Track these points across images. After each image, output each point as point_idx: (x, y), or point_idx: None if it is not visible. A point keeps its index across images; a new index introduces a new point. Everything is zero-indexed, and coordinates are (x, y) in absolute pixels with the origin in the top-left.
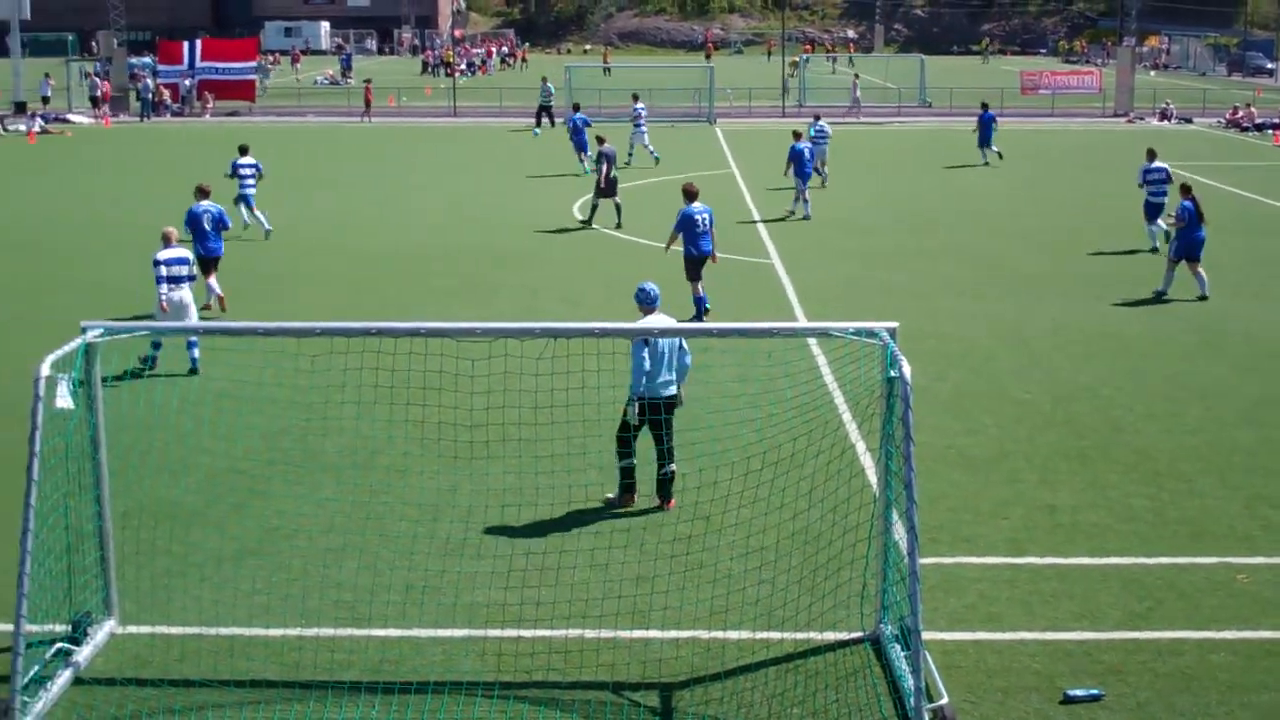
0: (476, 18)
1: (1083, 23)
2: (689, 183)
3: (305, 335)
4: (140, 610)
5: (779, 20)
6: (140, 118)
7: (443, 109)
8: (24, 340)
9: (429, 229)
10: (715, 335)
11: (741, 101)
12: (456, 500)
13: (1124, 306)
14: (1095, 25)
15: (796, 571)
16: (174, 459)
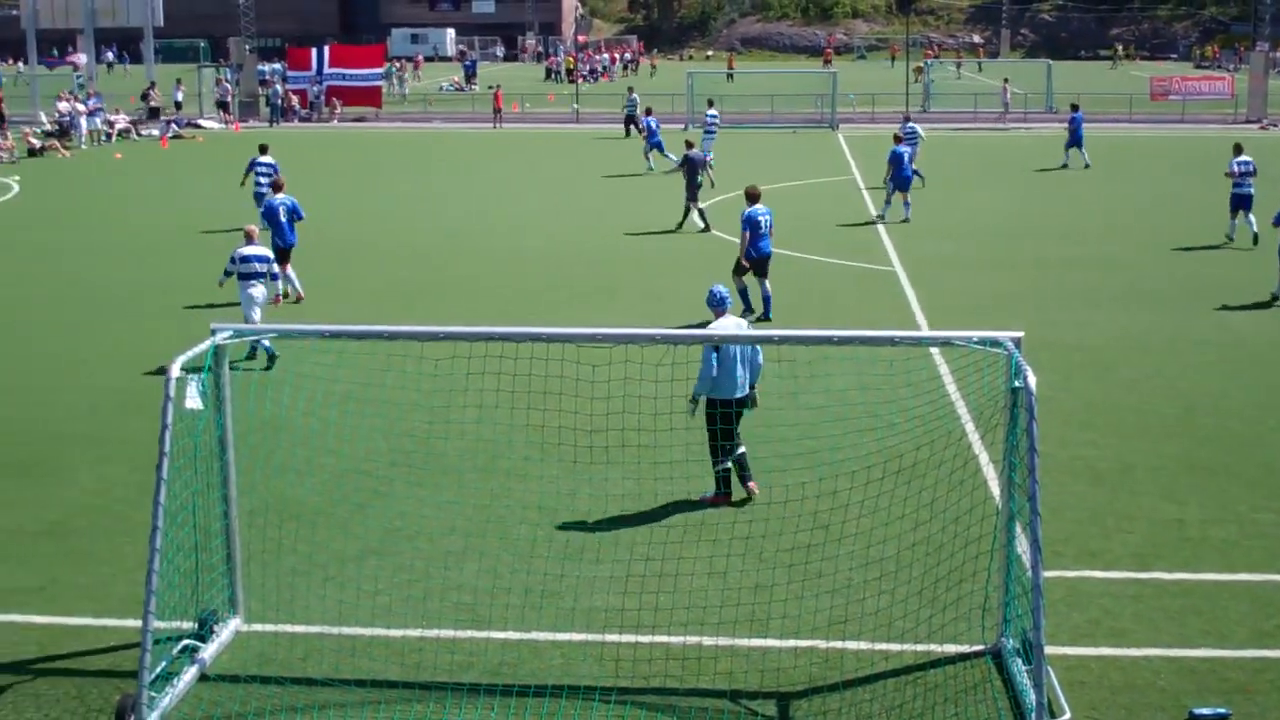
0: (600, 24)
1: (1215, 27)
2: (752, 185)
3: (428, 339)
4: (265, 609)
5: (903, 25)
6: (269, 123)
7: (565, 115)
8: (155, 341)
9: (553, 232)
10: (836, 343)
11: (864, 107)
12: (576, 505)
13: (1246, 311)
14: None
15: (917, 583)
16: (299, 459)
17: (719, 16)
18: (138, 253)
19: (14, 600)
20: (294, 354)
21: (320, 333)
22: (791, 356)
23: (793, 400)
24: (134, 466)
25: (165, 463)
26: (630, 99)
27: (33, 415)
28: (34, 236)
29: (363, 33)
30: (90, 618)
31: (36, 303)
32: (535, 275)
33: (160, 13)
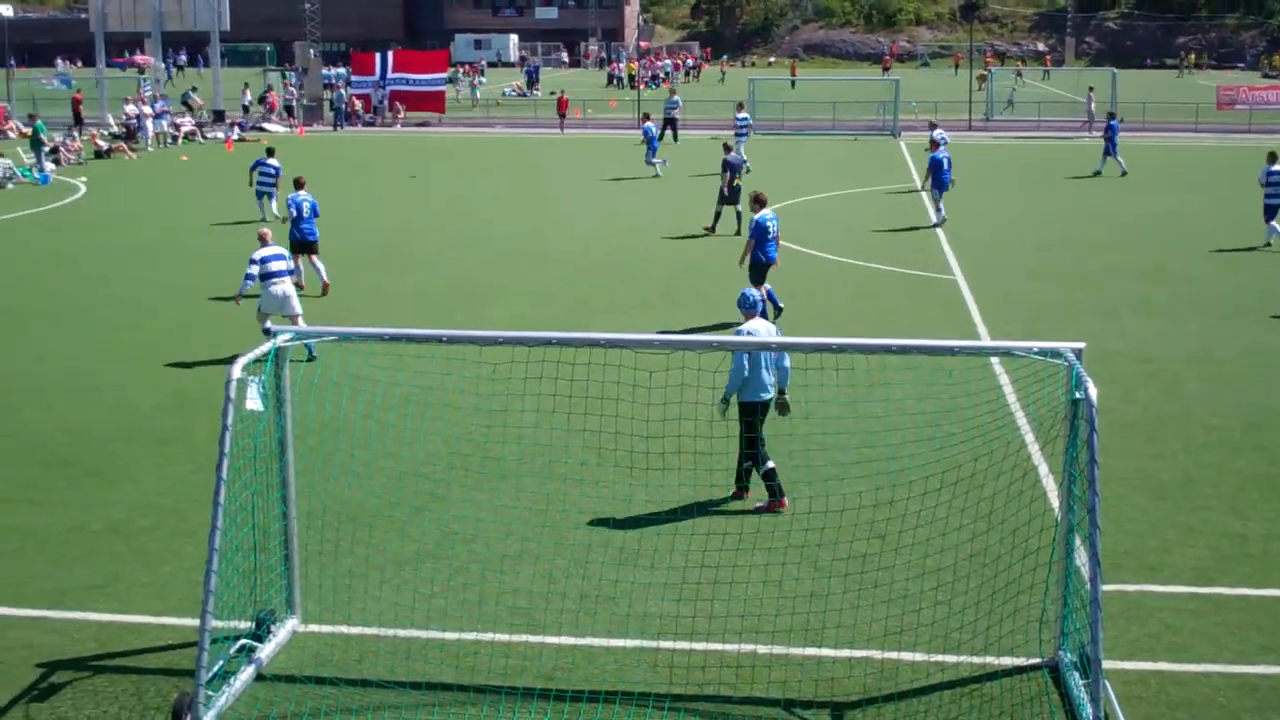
0: (662, 30)
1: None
2: (759, 192)
3: (487, 343)
4: (322, 609)
5: (967, 32)
6: (333, 127)
7: (626, 120)
8: (219, 342)
9: (612, 237)
10: (895, 352)
11: (927, 115)
12: (631, 510)
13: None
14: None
15: (974, 594)
16: (358, 461)
17: (781, 23)
18: (200, 254)
19: (76, 597)
20: (354, 357)
21: (380, 336)
22: (850, 365)
23: (851, 409)
24: (196, 467)
25: (225, 463)
26: (671, 100)
27: (98, 416)
28: (99, 237)
29: (426, 38)
30: (150, 616)
31: (101, 304)
32: (592, 279)
33: (227, 17)
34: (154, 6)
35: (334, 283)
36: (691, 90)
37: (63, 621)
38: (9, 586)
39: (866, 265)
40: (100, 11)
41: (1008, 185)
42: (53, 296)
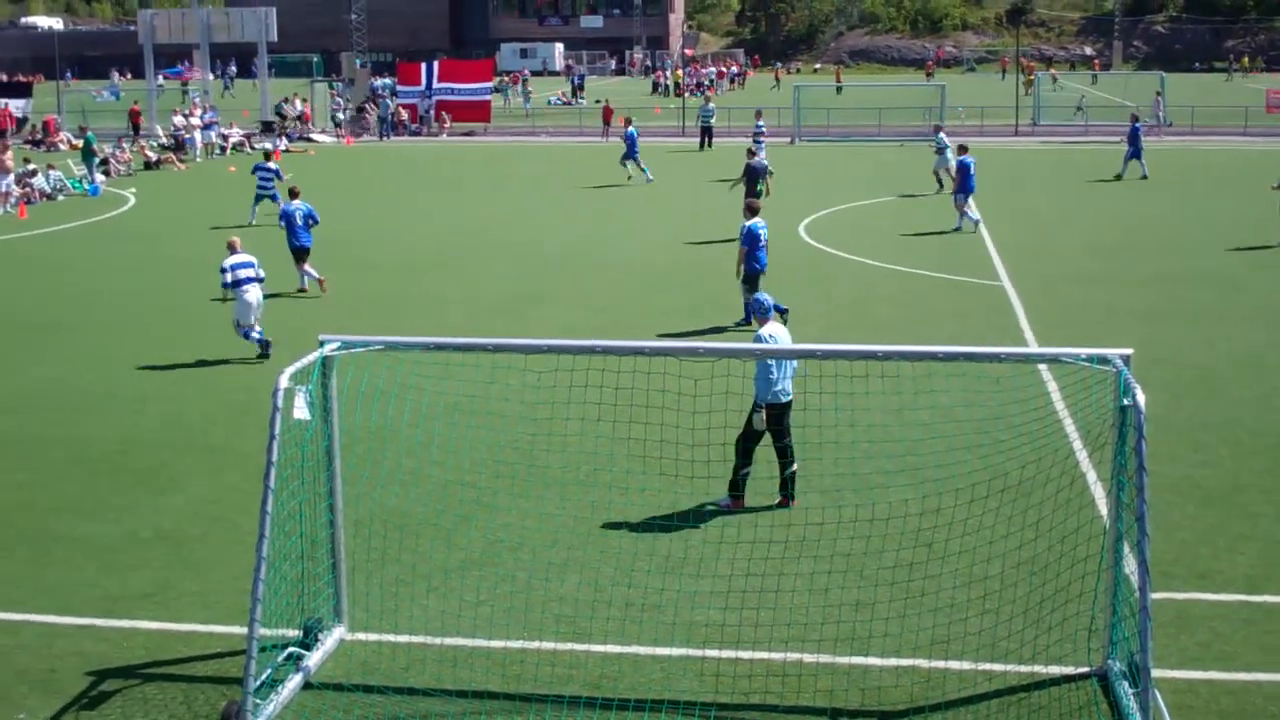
0: (707, 38)
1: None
2: (751, 199)
3: (532, 352)
4: (369, 618)
5: (1013, 37)
6: (379, 137)
7: (672, 129)
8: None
9: (657, 244)
10: (941, 359)
11: (973, 120)
12: (677, 519)
13: None
14: None
15: (1022, 603)
16: (405, 470)
17: (827, 30)
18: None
19: (125, 605)
20: (401, 365)
21: (426, 345)
22: (896, 373)
23: (898, 417)
24: (245, 475)
25: (273, 472)
26: (705, 109)
27: (148, 425)
28: (149, 247)
29: (472, 48)
30: (199, 624)
31: (151, 313)
32: (637, 287)
33: (274, 28)
34: (202, 19)
35: (381, 292)
36: (737, 98)
37: (112, 630)
38: (60, 594)
39: (913, 272)
40: (149, 24)
41: (1055, 190)
42: (103, 306)
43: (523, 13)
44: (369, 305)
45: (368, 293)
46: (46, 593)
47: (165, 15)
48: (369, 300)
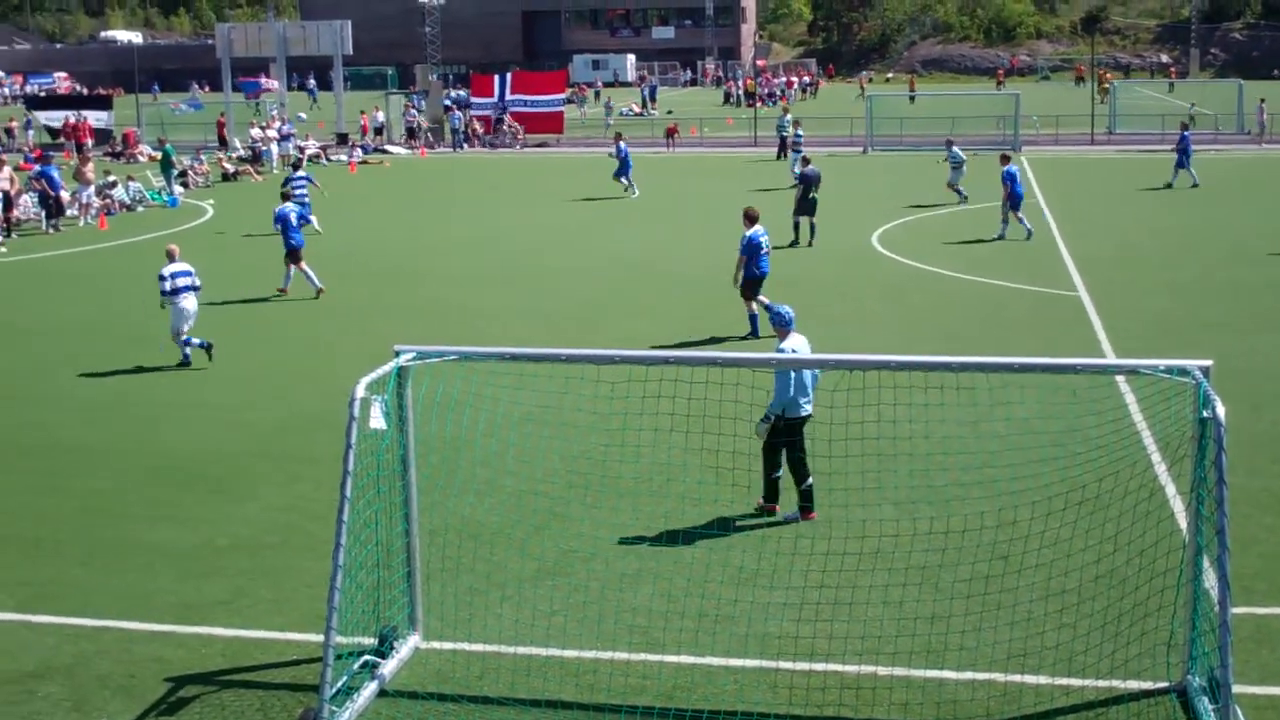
0: (779, 48)
1: None
2: (751, 207)
3: (605, 363)
4: (444, 626)
5: (1088, 45)
6: (453, 148)
7: (744, 139)
8: (342, 362)
9: (726, 254)
10: (1017, 370)
11: (1048, 129)
12: (750, 530)
13: None
14: None
15: (1100, 617)
16: (479, 479)
17: (899, 39)
18: (323, 275)
19: (202, 612)
20: (475, 375)
21: (500, 355)
22: (972, 384)
23: (973, 429)
24: (321, 484)
25: (349, 481)
26: (782, 119)
27: (226, 434)
28: (226, 258)
29: (545, 59)
30: (275, 631)
31: (227, 324)
32: (709, 297)
33: (349, 42)
34: (278, 32)
35: (456, 302)
36: (808, 107)
37: (190, 636)
38: (139, 601)
39: (988, 282)
40: (226, 37)
41: (1132, 199)
42: None
43: (595, 24)
44: (442, 315)
45: (441, 303)
46: (125, 599)
47: (242, 29)
48: (442, 310)
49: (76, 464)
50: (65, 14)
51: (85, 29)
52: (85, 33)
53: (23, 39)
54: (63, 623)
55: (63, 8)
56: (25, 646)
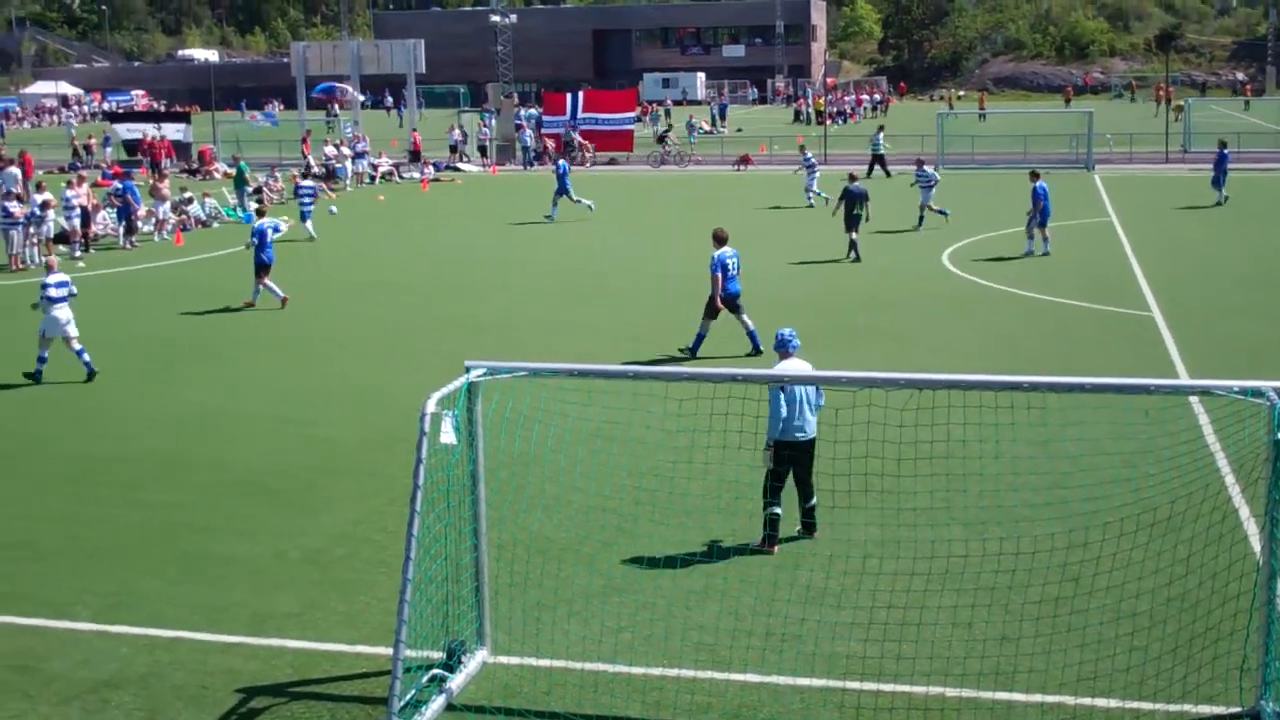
0: (849, 65)
1: None
2: (719, 228)
3: (673, 380)
4: (512, 641)
5: (1162, 63)
6: (524, 166)
7: (814, 157)
8: (412, 377)
9: (798, 273)
10: (1089, 390)
11: (1122, 148)
12: (818, 548)
13: None
14: None
15: (1171, 640)
16: (548, 495)
17: (971, 56)
18: (396, 291)
19: (274, 624)
20: (544, 391)
21: (570, 371)
22: (1043, 404)
23: (1044, 449)
24: (392, 499)
25: (419, 496)
26: (875, 137)
27: (300, 448)
28: (300, 274)
29: (615, 77)
30: (345, 644)
31: (303, 339)
32: (779, 315)
33: (422, 60)
34: (352, 51)
35: (526, 317)
36: (876, 126)
37: (262, 648)
38: (212, 612)
39: (1059, 301)
40: (301, 56)
41: (1206, 218)
42: (257, 332)
43: (665, 43)
44: (510, 330)
45: (509, 318)
46: (200, 610)
47: (317, 47)
48: (510, 325)
49: (152, 476)
50: (143, 32)
51: (163, 47)
52: (163, 51)
53: (101, 57)
54: (138, 633)
55: (141, 26)
56: (101, 656)
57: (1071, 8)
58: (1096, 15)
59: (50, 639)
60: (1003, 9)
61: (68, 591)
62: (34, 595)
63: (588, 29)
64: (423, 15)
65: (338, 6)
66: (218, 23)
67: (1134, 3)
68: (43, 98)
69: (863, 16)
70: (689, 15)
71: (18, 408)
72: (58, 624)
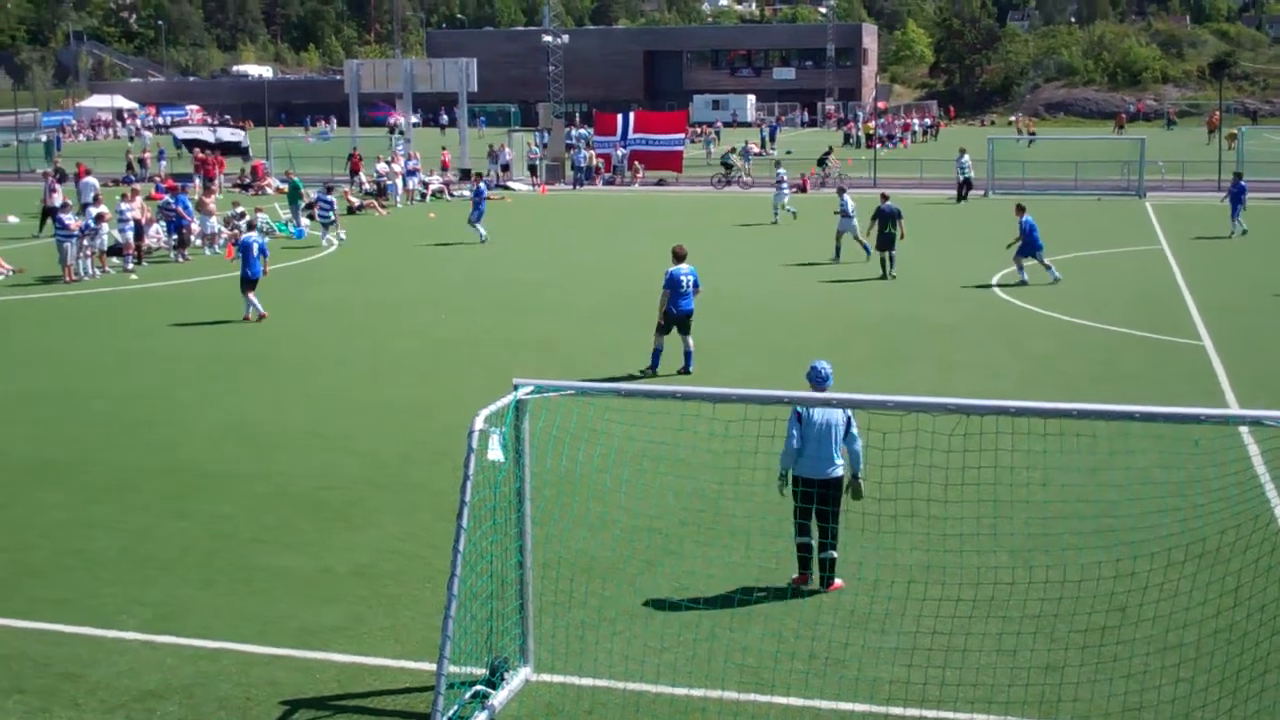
0: (900, 89)
1: None
2: (679, 245)
3: (720, 401)
4: (555, 659)
5: (1216, 90)
6: (573, 185)
7: (863, 180)
8: (462, 394)
9: (846, 297)
10: (1138, 418)
11: (1174, 175)
12: (862, 573)
13: None
14: None
15: (1218, 672)
16: (593, 514)
17: (1022, 82)
18: (443, 307)
19: (320, 638)
20: (591, 411)
21: (616, 391)
22: (1091, 432)
23: (1092, 477)
24: (438, 514)
25: (466, 512)
26: (960, 160)
27: (346, 462)
28: (349, 290)
29: (665, 98)
30: (389, 658)
31: (352, 354)
32: (825, 337)
33: (475, 79)
34: (405, 69)
35: (576, 337)
36: (929, 149)
37: (306, 660)
38: (257, 625)
39: (1109, 329)
40: (354, 73)
41: (1259, 247)
42: (306, 346)
43: (715, 65)
44: (556, 349)
45: (555, 336)
46: (245, 622)
47: (370, 65)
48: (556, 343)
49: (201, 488)
50: (199, 48)
51: (217, 63)
52: (217, 67)
53: (157, 72)
54: (183, 644)
55: (197, 42)
56: (147, 666)
57: (1124, 35)
58: (1150, 42)
59: (97, 648)
60: (1055, 35)
61: (116, 601)
62: (83, 604)
63: (639, 50)
64: (475, 34)
65: (391, 25)
66: (272, 39)
67: (1188, 30)
68: (98, 111)
69: (914, 40)
70: (740, 37)
71: (67, 417)
72: (105, 633)
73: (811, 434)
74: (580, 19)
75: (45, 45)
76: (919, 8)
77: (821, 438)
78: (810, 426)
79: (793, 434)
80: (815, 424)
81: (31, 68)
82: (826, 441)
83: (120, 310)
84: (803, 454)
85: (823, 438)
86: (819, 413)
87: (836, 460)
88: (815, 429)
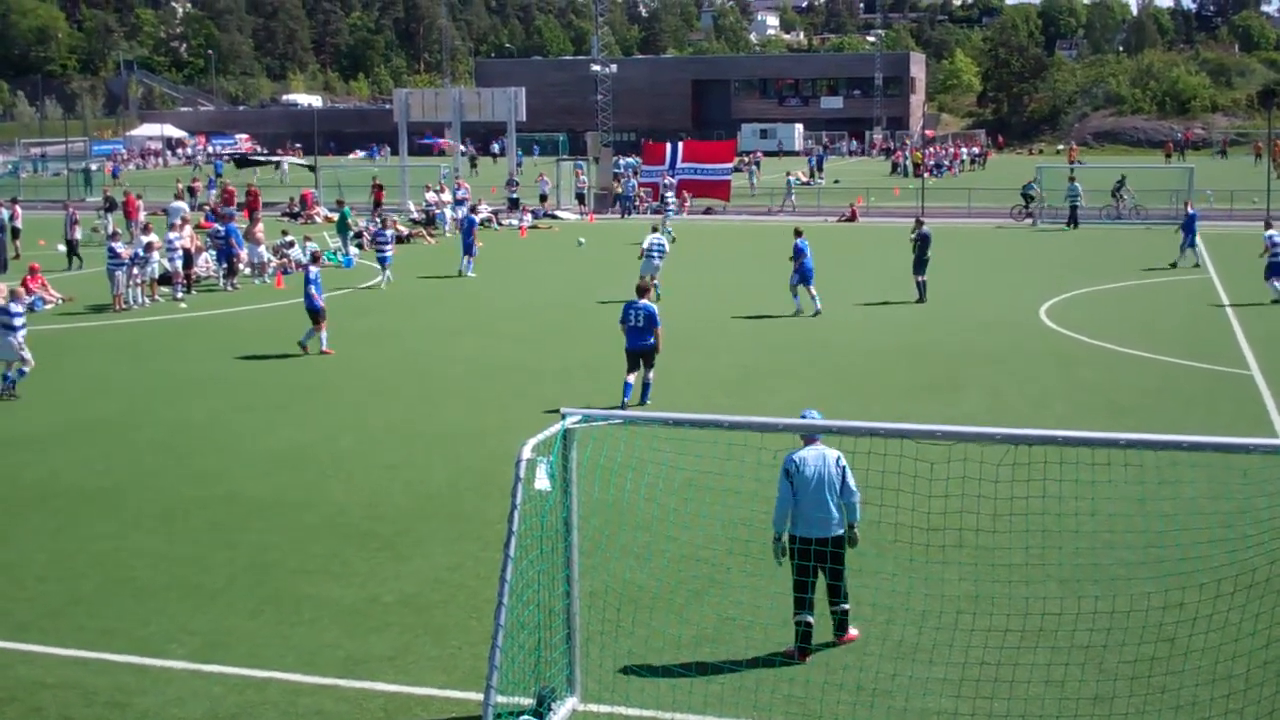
0: (948, 118)
1: None
2: (641, 279)
3: (767, 430)
4: (602, 689)
5: (1265, 119)
6: (620, 214)
7: (910, 209)
8: (510, 423)
9: (899, 326)
10: (1187, 448)
11: (1222, 204)
12: (911, 604)
13: None
14: None
15: (1268, 703)
16: (640, 544)
17: (1070, 110)
18: (491, 335)
19: (367, 667)
20: (638, 440)
21: (664, 420)
22: (1139, 462)
23: (1140, 507)
24: (485, 544)
25: (513, 541)
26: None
27: (394, 491)
28: (399, 318)
29: (713, 127)
30: (436, 688)
31: (400, 382)
32: (873, 365)
33: (523, 108)
34: (455, 98)
35: (615, 364)
36: (977, 178)
37: (354, 690)
38: (304, 654)
39: (1157, 358)
40: (404, 102)
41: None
42: (353, 374)
43: (763, 94)
44: (601, 376)
45: (602, 365)
46: (292, 651)
47: (419, 94)
48: (601, 371)
49: (249, 516)
50: (248, 77)
51: (267, 92)
52: (267, 95)
53: (206, 100)
54: (230, 673)
55: (246, 71)
56: (194, 695)
57: (1173, 63)
58: (1198, 71)
59: (144, 677)
60: (1103, 64)
61: (164, 630)
62: (130, 633)
63: (687, 79)
64: (524, 63)
65: (440, 54)
66: (321, 69)
67: (1236, 59)
68: (148, 140)
69: (962, 70)
70: (788, 67)
71: (117, 446)
72: (153, 661)
73: (806, 489)
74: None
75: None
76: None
77: (817, 493)
78: (804, 481)
79: (787, 487)
80: (809, 478)
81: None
82: (822, 496)
83: (170, 339)
84: (798, 512)
85: (818, 492)
86: (812, 466)
87: (835, 516)
88: (810, 483)
